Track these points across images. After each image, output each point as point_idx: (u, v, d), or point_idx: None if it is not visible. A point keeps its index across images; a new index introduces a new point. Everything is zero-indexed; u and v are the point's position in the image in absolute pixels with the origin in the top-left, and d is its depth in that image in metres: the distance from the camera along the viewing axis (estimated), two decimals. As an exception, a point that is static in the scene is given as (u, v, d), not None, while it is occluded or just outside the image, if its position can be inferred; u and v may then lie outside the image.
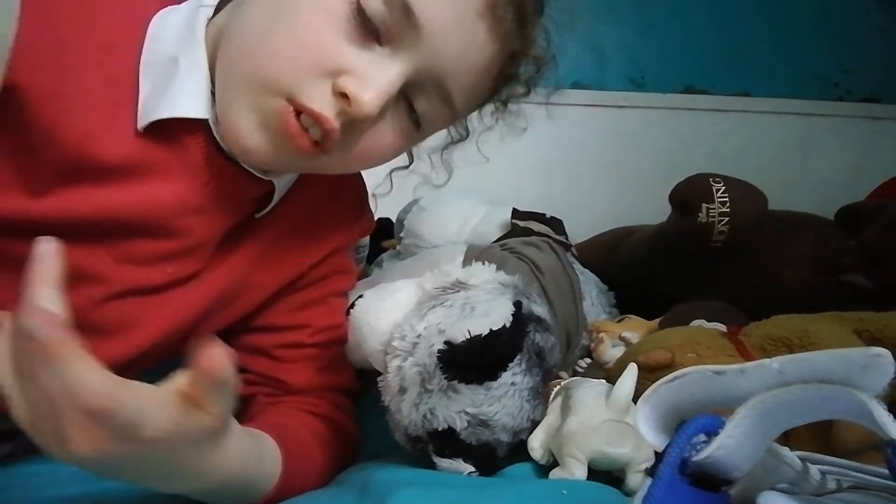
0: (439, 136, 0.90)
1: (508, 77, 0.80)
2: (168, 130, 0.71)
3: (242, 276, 0.82)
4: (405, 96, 0.72)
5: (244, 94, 0.68)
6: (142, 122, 0.69)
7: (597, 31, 2.04)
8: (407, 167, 0.94)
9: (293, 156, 0.69)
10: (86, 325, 0.68)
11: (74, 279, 0.67)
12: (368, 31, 0.66)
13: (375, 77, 0.66)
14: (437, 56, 0.69)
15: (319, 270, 0.90)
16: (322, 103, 0.66)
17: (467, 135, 0.92)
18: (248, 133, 0.68)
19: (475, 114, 0.87)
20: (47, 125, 0.65)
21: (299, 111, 0.66)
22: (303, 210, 0.86)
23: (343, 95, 0.66)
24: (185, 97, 0.70)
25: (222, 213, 0.77)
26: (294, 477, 0.73)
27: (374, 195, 1.00)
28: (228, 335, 0.88)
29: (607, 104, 2.08)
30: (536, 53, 0.81)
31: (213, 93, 0.71)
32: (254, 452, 0.66)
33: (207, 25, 0.74)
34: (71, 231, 0.63)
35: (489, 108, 0.86)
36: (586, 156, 2.09)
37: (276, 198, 0.81)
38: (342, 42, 0.66)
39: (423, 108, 0.73)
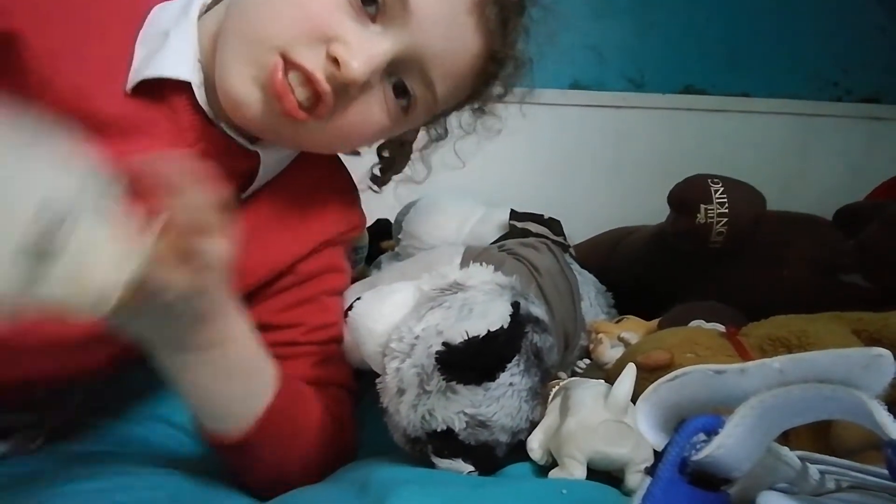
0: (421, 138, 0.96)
1: (488, 76, 0.85)
2: (157, 94, 0.75)
3: None
4: (394, 80, 0.77)
5: (241, 51, 0.73)
6: (131, 83, 0.74)
7: (596, 31, 2.04)
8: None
9: (281, 119, 0.73)
10: None
11: None
12: (366, 9, 0.73)
13: (366, 48, 0.72)
14: (424, 41, 0.75)
15: (310, 266, 0.90)
16: (314, 63, 0.71)
17: (446, 134, 0.97)
18: (239, 86, 0.73)
19: (455, 116, 0.93)
20: (46, 77, 0.70)
21: (290, 69, 0.71)
22: (290, 198, 0.87)
23: (334, 61, 0.71)
24: (172, 60, 0.75)
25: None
26: (289, 408, 0.76)
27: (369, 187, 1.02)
28: None
29: (606, 104, 2.08)
30: (516, 55, 0.86)
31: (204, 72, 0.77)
32: (259, 353, 0.73)
33: (206, 11, 0.80)
34: None
35: (468, 111, 0.92)
36: (585, 156, 2.09)
37: (262, 177, 0.83)
38: (340, 14, 0.72)
39: (411, 91, 0.78)
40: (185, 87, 0.76)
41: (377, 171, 1.02)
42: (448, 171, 1.01)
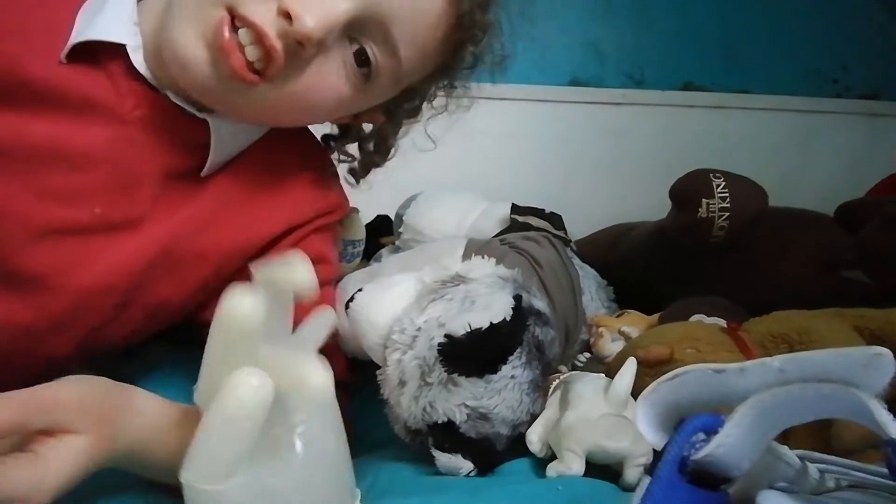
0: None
1: (456, 44, 0.81)
2: (93, 60, 0.72)
3: (187, 236, 0.78)
4: (355, 47, 0.72)
5: (186, 5, 0.68)
6: (66, 49, 0.71)
7: (595, 28, 2.04)
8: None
9: (229, 82, 0.68)
10: (14, 274, 0.67)
11: None
12: None
13: (323, 3, 0.66)
14: (387, 1, 0.70)
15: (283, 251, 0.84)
16: (264, 19, 0.66)
17: (416, 113, 0.91)
18: (184, 44, 0.68)
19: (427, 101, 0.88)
20: None
21: (239, 25, 0.66)
22: (256, 176, 0.83)
23: (287, 15, 0.65)
24: (106, 25, 0.71)
25: (156, 150, 0.75)
26: None
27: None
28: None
29: (606, 101, 2.08)
30: (485, 22, 0.81)
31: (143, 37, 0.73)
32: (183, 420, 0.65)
33: None
34: None
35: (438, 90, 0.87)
36: (585, 152, 2.09)
37: (218, 150, 0.78)
38: None
39: (372, 56, 0.73)
40: (121, 50, 0.72)
41: (356, 164, 0.98)
42: (449, 168, 1.00)
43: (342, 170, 0.97)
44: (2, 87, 0.69)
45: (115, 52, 0.72)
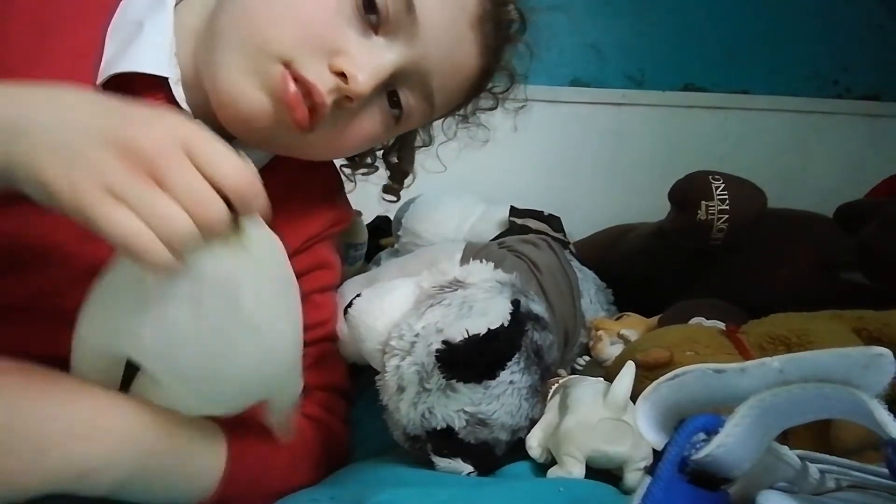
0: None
1: (481, 89, 0.87)
2: (129, 91, 0.70)
3: None
4: (390, 90, 0.76)
5: (240, 57, 0.69)
6: (101, 77, 0.70)
7: (595, 29, 2.04)
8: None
9: (288, 128, 0.70)
10: (59, 310, 0.67)
11: (41, 259, 0.66)
12: (370, 20, 0.71)
13: (370, 62, 0.70)
14: (428, 54, 0.74)
15: (297, 265, 0.84)
16: (317, 76, 0.69)
17: (430, 141, 0.98)
18: (249, 96, 0.69)
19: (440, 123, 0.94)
20: (9, 69, 0.67)
21: (295, 79, 0.68)
22: (272, 195, 0.82)
23: (339, 74, 0.69)
24: (146, 55, 0.71)
25: None
26: (246, 471, 0.71)
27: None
28: None
29: (606, 101, 2.08)
30: (511, 72, 0.88)
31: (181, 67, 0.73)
32: (185, 439, 0.65)
33: (179, 1, 0.76)
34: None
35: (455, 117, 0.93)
36: (585, 153, 2.09)
37: None
38: (344, 25, 0.70)
39: (405, 102, 0.77)
40: (161, 82, 0.72)
41: (389, 181, 1.02)
42: (447, 168, 1.01)
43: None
44: None
45: (153, 81, 0.72)
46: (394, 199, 1.07)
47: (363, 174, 1.02)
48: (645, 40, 2.08)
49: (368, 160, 1.02)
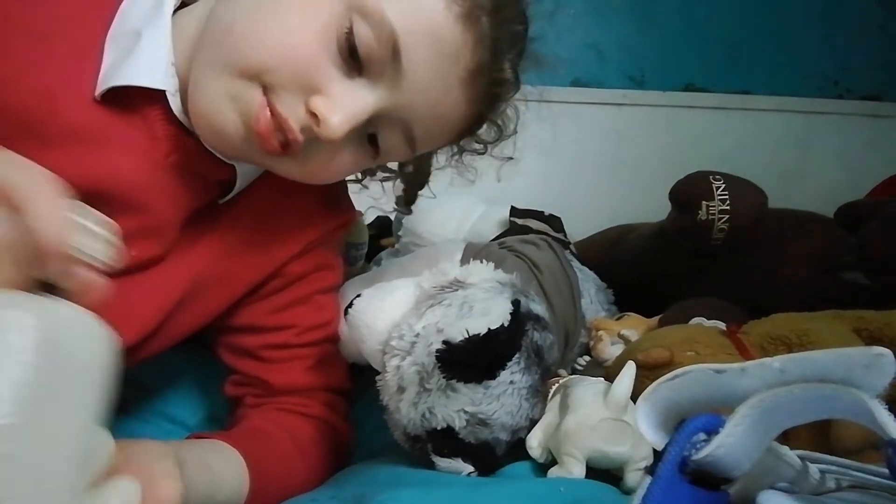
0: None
1: (470, 133, 0.83)
2: (127, 101, 0.70)
3: (211, 264, 0.79)
4: (370, 125, 0.72)
5: (221, 76, 0.67)
6: (100, 89, 0.69)
7: (596, 29, 2.04)
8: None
9: (257, 150, 0.69)
10: None
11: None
12: (353, 61, 0.67)
13: (347, 105, 0.67)
14: (411, 101, 0.70)
15: (299, 267, 0.87)
16: (290, 112, 0.67)
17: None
18: (223, 118, 0.68)
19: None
20: (7, 75, 0.67)
21: (270, 109, 0.67)
22: (270, 200, 0.83)
23: (313, 114, 0.66)
24: (144, 67, 0.70)
25: (185, 192, 0.75)
26: (269, 483, 0.73)
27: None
28: (215, 336, 0.88)
29: (607, 102, 2.08)
30: (501, 123, 0.85)
31: (179, 77, 0.72)
32: (207, 468, 0.65)
33: (181, 6, 0.75)
34: None
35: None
36: (586, 153, 2.09)
37: (240, 183, 0.79)
38: (327, 63, 0.67)
39: (384, 140, 0.74)
40: (158, 94, 0.71)
41: (402, 192, 1.00)
42: (447, 170, 1.01)
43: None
44: (30, 121, 0.67)
45: (150, 93, 0.71)
46: (407, 212, 1.05)
47: (381, 180, 1.00)
48: (646, 40, 2.08)
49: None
